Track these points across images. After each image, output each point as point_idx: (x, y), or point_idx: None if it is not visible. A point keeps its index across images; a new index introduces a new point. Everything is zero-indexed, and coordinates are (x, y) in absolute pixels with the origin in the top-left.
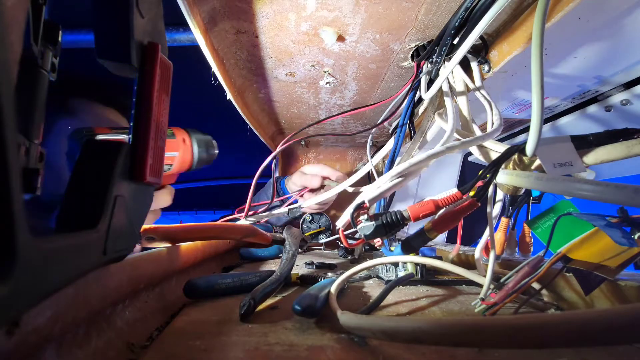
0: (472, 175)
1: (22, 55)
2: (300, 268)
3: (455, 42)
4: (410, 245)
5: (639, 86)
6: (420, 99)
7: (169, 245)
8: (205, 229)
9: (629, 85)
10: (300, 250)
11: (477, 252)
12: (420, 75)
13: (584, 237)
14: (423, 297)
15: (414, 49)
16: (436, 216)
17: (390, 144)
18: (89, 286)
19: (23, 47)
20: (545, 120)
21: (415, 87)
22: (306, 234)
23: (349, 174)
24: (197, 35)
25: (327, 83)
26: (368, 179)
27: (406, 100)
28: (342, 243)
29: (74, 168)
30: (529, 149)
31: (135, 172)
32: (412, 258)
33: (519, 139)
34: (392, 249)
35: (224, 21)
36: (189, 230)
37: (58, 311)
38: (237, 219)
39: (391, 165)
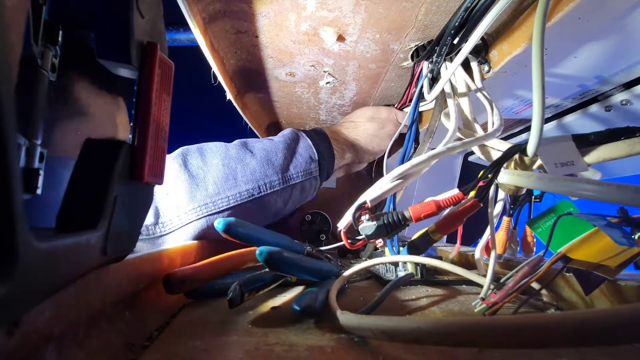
0: (472, 175)
1: (22, 55)
2: None
3: (455, 42)
4: (416, 248)
5: (639, 86)
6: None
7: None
8: (227, 259)
9: (629, 85)
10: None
11: (478, 252)
12: (423, 78)
13: (584, 237)
14: (423, 297)
15: (414, 49)
16: (439, 218)
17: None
18: (89, 286)
19: (23, 47)
20: (546, 120)
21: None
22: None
23: None
24: (197, 35)
25: (327, 83)
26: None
27: (413, 101)
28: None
29: (74, 167)
30: (531, 148)
31: (135, 172)
32: (412, 258)
33: (520, 138)
34: (402, 248)
35: (224, 21)
36: (214, 265)
37: (58, 311)
38: None
39: None
